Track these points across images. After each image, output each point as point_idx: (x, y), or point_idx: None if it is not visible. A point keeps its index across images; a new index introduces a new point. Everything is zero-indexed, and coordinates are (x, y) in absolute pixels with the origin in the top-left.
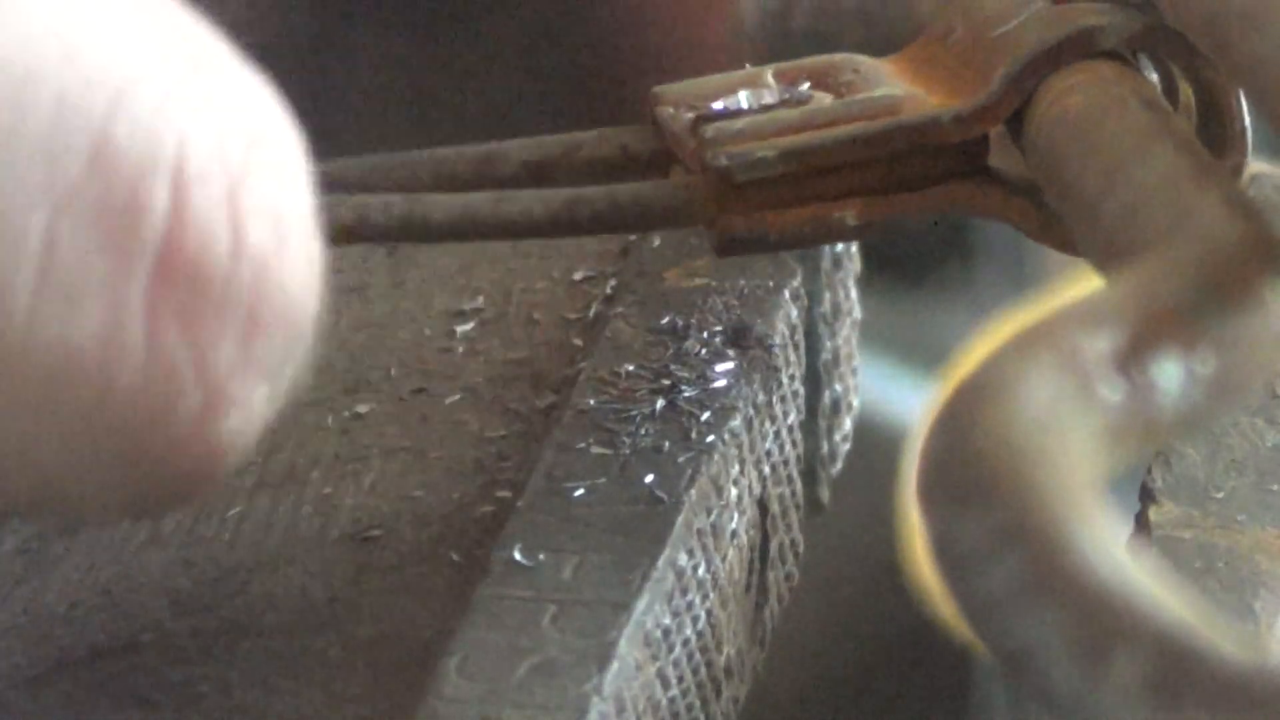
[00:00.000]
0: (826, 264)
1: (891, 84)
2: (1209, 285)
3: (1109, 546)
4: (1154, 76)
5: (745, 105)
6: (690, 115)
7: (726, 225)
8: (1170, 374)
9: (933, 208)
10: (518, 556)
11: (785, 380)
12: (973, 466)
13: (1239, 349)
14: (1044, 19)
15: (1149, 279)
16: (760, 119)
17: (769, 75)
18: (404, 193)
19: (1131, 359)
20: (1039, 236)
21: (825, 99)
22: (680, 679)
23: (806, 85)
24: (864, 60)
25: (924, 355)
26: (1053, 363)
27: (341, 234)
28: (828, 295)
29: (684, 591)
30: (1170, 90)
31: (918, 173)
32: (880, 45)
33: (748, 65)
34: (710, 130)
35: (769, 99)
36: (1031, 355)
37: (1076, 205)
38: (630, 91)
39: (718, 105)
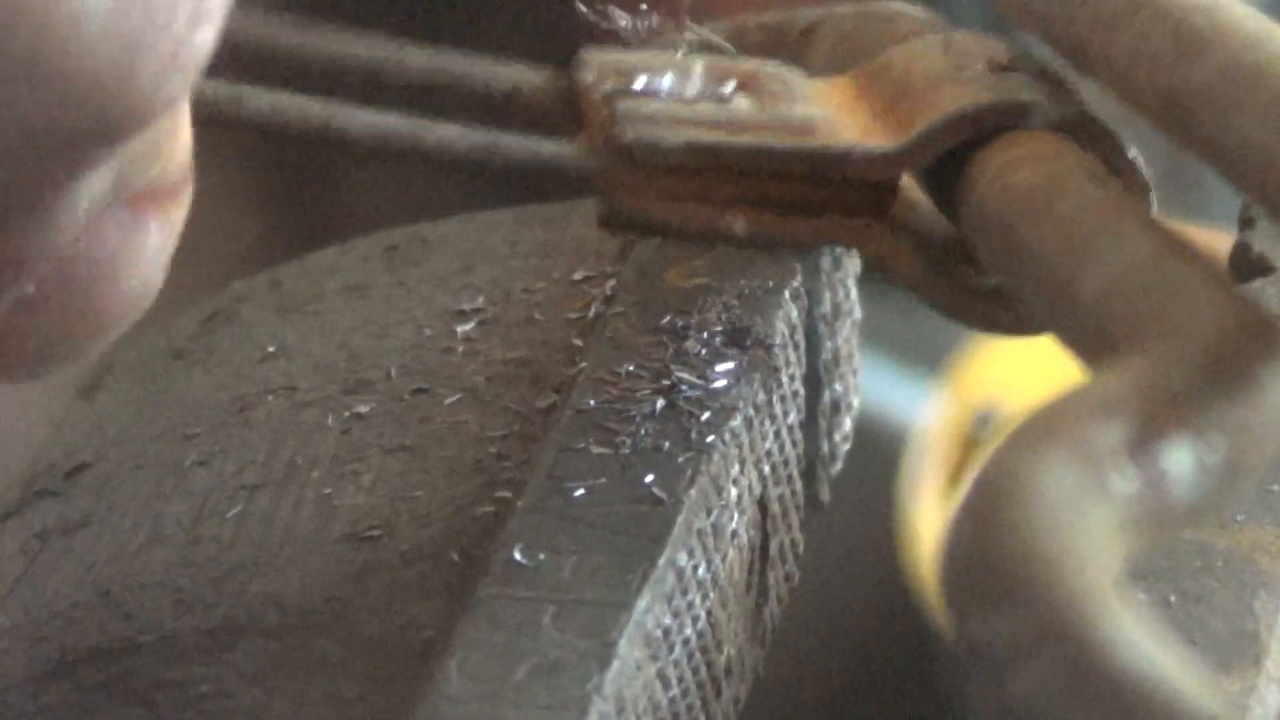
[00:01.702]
0: (826, 264)
1: (815, 105)
2: (1212, 371)
3: (1142, 642)
4: None
5: (666, 89)
6: (609, 86)
7: (616, 201)
8: (1181, 462)
9: (823, 237)
10: (518, 556)
11: (785, 380)
12: (997, 568)
13: (1245, 434)
14: (978, 83)
15: (1153, 367)
16: (675, 108)
17: (698, 67)
18: (285, 83)
19: (1141, 449)
20: (918, 290)
21: (745, 105)
22: (680, 679)
23: (732, 86)
24: (795, 75)
25: (924, 355)
26: (1066, 456)
27: (250, 126)
28: (828, 295)
29: (684, 591)
30: None
31: (817, 199)
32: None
33: (681, 53)
34: (624, 105)
35: (691, 91)
36: (1045, 449)
37: (1041, 286)
38: None
39: (639, 83)
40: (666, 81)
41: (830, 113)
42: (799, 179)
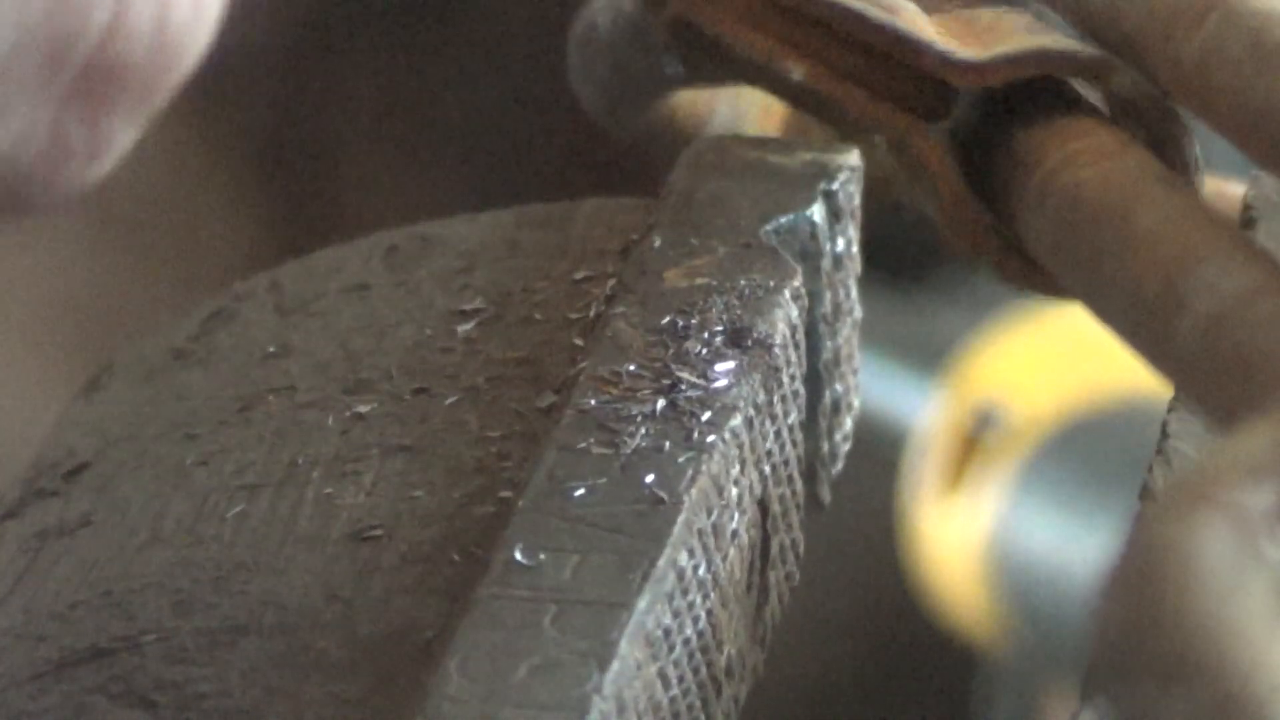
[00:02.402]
0: (827, 264)
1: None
2: None
3: None
4: None
5: None
6: None
7: (691, 6)
8: None
9: (873, 119)
10: (518, 556)
11: (786, 380)
12: (1161, 643)
13: None
14: (1068, 38)
15: None
16: None
17: None
18: None
19: None
20: (940, 214)
21: None
22: (681, 679)
23: None
24: None
25: (924, 355)
26: (1220, 524)
27: None
28: (828, 295)
29: (684, 591)
30: None
31: (877, 80)
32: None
33: None
34: None
35: None
36: (1198, 517)
37: (1121, 302)
38: None
39: None
40: None
41: (919, 16)
42: (868, 53)
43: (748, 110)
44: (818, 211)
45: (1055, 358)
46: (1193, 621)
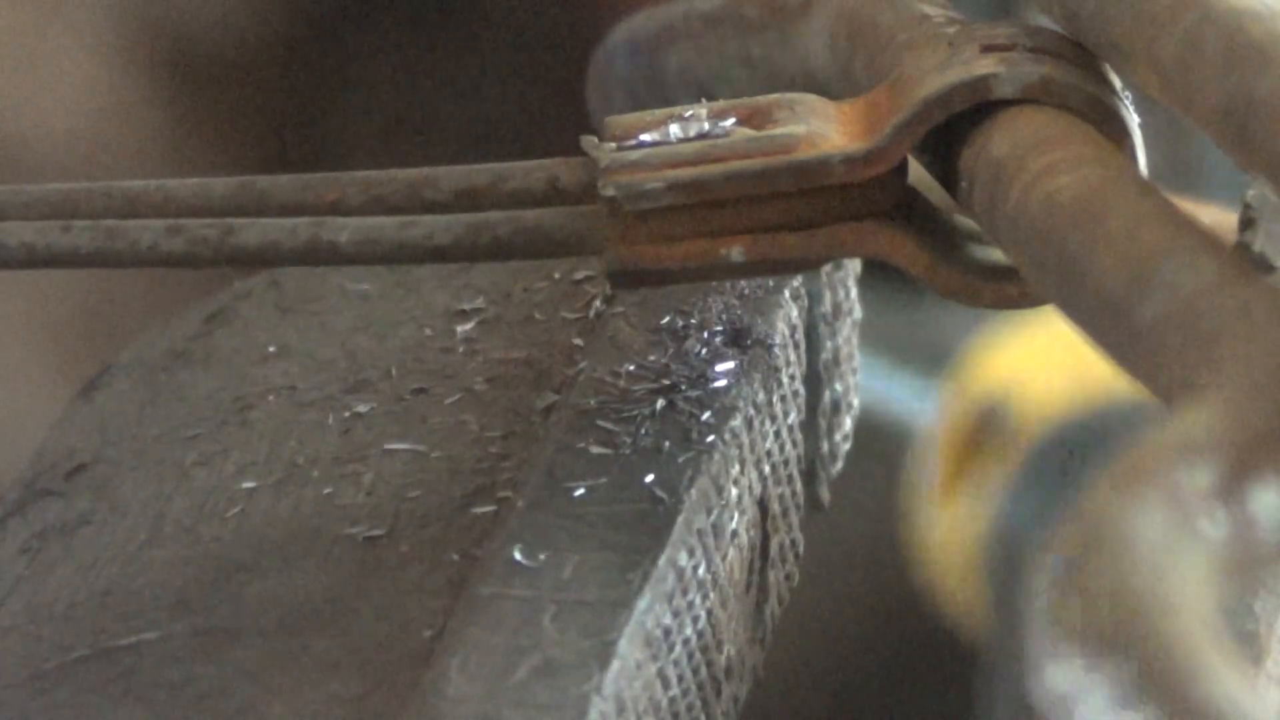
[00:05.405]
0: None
1: (811, 123)
2: None
3: (1245, 692)
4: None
5: (673, 138)
6: (611, 145)
7: (615, 257)
8: (1269, 505)
9: (820, 249)
10: (518, 556)
11: (785, 380)
12: (1095, 619)
13: None
14: (957, 67)
15: (1236, 405)
16: (658, 150)
17: (701, 112)
18: (329, 215)
19: (1229, 492)
20: (927, 280)
21: (739, 135)
22: (680, 678)
23: (732, 120)
24: (805, 99)
25: (925, 355)
26: (1155, 502)
27: (247, 259)
28: (828, 295)
29: (684, 591)
30: None
31: (810, 212)
32: (764, 89)
33: (704, 101)
34: (607, 159)
35: (694, 131)
36: (1133, 494)
37: (1091, 303)
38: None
39: (646, 137)
40: (665, 132)
41: (824, 127)
42: (790, 196)
43: None
44: None
45: (1056, 357)
46: (1122, 596)
